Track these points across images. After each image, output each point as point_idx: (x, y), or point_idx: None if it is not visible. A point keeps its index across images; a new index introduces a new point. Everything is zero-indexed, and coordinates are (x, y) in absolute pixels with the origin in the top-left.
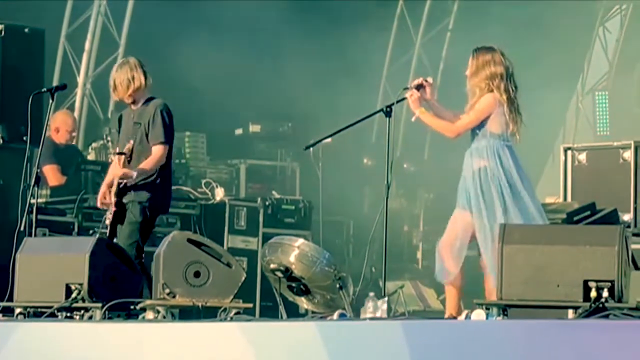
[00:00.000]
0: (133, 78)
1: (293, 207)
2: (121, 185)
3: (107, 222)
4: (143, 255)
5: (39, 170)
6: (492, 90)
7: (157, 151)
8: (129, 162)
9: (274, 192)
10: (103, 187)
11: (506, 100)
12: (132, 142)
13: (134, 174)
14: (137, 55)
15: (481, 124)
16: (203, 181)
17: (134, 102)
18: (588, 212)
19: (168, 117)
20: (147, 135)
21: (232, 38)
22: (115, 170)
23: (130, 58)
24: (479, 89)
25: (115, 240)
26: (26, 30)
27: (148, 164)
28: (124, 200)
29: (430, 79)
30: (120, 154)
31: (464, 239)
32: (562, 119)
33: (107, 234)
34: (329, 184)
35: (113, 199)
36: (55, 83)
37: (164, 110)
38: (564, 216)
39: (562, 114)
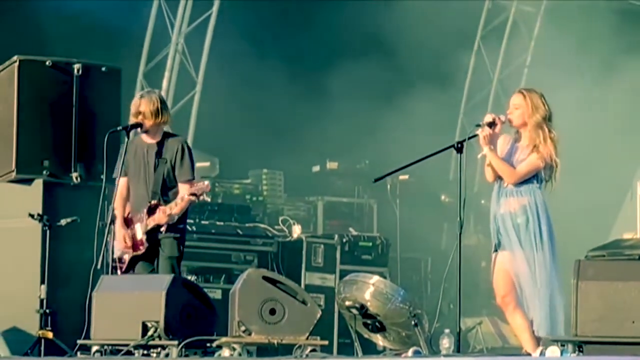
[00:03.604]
0: (162, 111)
1: (370, 244)
2: (162, 228)
3: (126, 256)
4: None
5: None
6: (545, 138)
7: (187, 189)
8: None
9: (351, 229)
10: (121, 230)
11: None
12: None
13: (175, 217)
14: (214, 94)
15: None
16: (280, 218)
17: (149, 133)
18: None
19: (191, 152)
20: (173, 170)
21: (309, 74)
22: (160, 218)
23: (156, 90)
24: (542, 130)
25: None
26: (103, 68)
27: (183, 203)
28: (159, 237)
29: (503, 117)
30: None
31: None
32: None
33: (122, 268)
34: (407, 221)
35: (142, 237)
36: None
37: (188, 147)
38: None
39: None
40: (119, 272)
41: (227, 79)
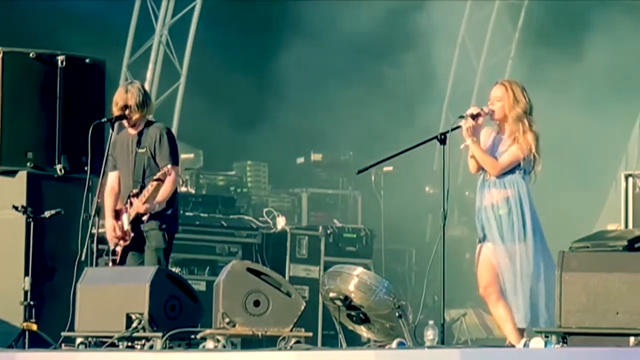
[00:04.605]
0: (146, 103)
1: (354, 236)
2: (143, 217)
3: (118, 248)
4: None
5: (99, 200)
6: (526, 130)
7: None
8: (141, 188)
9: (335, 221)
10: (110, 221)
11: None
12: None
13: (156, 206)
14: (198, 85)
15: None
16: (265, 210)
17: (133, 125)
18: None
19: (173, 138)
20: (154, 157)
21: (293, 68)
22: (138, 207)
23: (136, 81)
24: (522, 123)
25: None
26: (87, 60)
27: (166, 190)
28: (143, 228)
29: (486, 109)
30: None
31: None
32: (624, 146)
33: (115, 260)
34: (391, 212)
35: (128, 227)
36: None
37: (168, 132)
38: (625, 243)
39: (625, 141)
40: (110, 264)
41: (211, 71)
